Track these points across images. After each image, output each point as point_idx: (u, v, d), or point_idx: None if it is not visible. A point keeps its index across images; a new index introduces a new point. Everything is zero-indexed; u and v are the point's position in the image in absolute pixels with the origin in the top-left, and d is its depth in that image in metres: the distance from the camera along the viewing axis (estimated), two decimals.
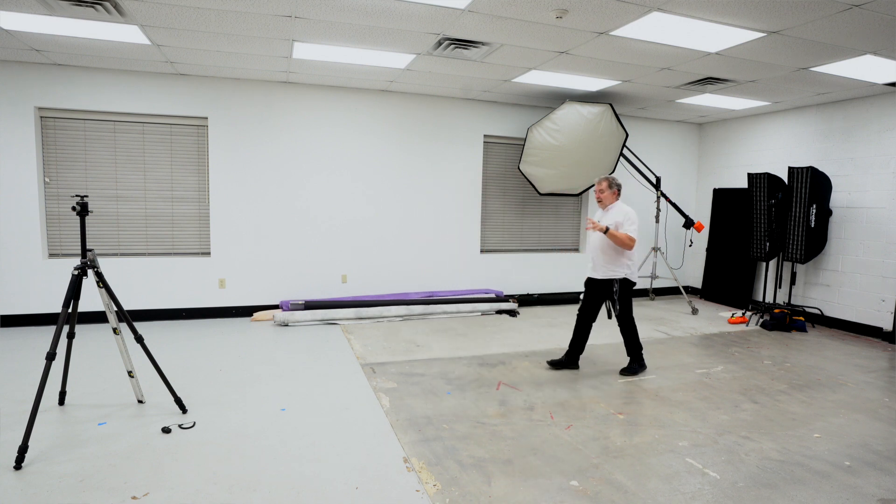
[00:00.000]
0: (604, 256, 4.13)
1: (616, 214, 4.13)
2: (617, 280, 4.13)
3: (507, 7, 3.58)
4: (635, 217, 4.09)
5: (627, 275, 4.14)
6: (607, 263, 4.13)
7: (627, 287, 4.18)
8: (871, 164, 5.82)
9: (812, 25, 3.73)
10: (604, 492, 2.57)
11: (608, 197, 4.21)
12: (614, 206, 4.21)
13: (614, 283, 4.14)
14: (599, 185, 4.24)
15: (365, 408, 3.53)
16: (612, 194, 4.22)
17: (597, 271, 4.20)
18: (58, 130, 5.36)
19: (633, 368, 4.34)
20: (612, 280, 4.14)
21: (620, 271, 4.12)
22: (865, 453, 3.05)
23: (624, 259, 4.11)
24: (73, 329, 3.23)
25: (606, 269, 4.14)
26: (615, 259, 4.11)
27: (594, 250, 4.20)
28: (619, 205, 4.21)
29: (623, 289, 4.16)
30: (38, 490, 2.45)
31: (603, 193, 4.21)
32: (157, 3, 3.60)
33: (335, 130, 6.19)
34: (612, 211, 4.19)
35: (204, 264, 5.87)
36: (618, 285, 4.14)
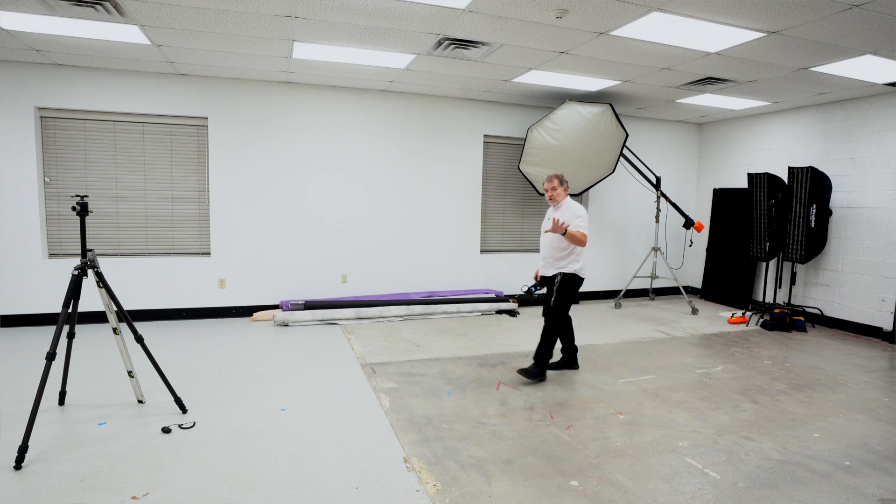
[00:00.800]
0: (555, 253, 4.08)
1: (566, 212, 4.08)
2: (562, 273, 4.06)
3: (507, 7, 3.58)
4: (585, 214, 4.07)
5: (577, 270, 4.07)
6: (559, 260, 4.08)
7: (573, 283, 4.11)
8: (871, 164, 5.82)
9: (812, 25, 3.73)
10: (604, 492, 2.57)
11: (560, 194, 4.16)
12: (565, 203, 4.16)
13: (558, 275, 4.07)
14: (551, 183, 4.17)
15: (365, 408, 3.52)
16: (564, 191, 4.18)
17: (548, 269, 4.16)
18: (58, 130, 5.36)
19: (531, 371, 4.08)
20: (558, 273, 4.08)
21: (571, 266, 4.06)
22: (865, 453, 3.05)
23: (574, 255, 4.06)
24: (73, 329, 3.24)
25: (557, 266, 4.09)
26: (566, 255, 4.06)
27: (546, 248, 4.15)
28: (569, 202, 4.17)
29: (567, 284, 4.08)
30: (38, 490, 2.45)
31: (555, 191, 4.15)
32: (157, 3, 3.60)
33: (335, 130, 6.19)
34: (563, 208, 4.14)
35: (204, 264, 5.87)
36: (560, 277, 4.06)
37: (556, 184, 4.16)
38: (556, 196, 4.17)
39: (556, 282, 4.07)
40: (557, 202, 4.18)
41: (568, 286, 4.09)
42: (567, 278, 4.07)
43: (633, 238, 7.81)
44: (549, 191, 4.17)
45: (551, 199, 4.19)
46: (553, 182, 4.17)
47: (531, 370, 4.08)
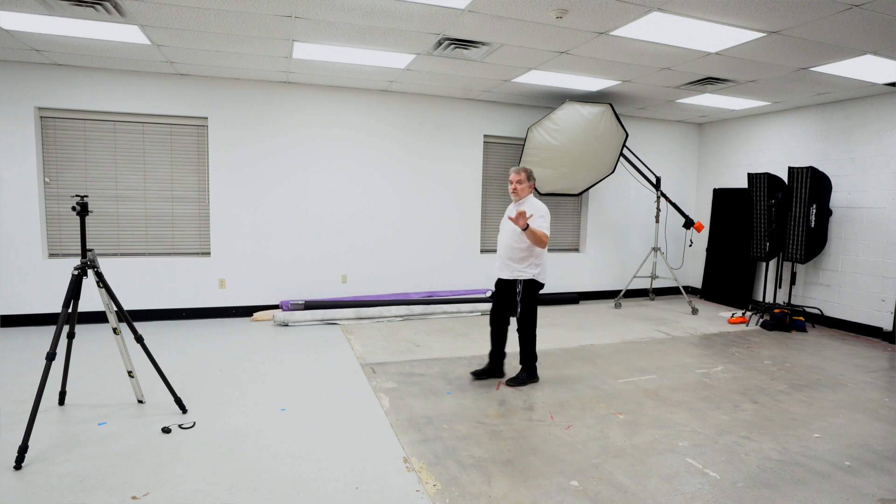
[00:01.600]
0: (512, 254, 3.85)
1: (529, 209, 3.80)
2: (522, 280, 3.85)
3: (507, 7, 3.58)
4: (548, 214, 3.84)
5: (535, 275, 3.85)
6: (516, 262, 3.85)
7: (534, 288, 3.90)
8: (871, 164, 5.82)
9: (812, 25, 3.73)
10: (604, 492, 2.57)
11: (524, 189, 3.91)
12: (528, 200, 3.91)
13: (518, 283, 3.86)
14: (518, 176, 3.92)
15: (365, 408, 3.52)
16: (529, 187, 3.94)
17: (504, 271, 3.93)
18: (58, 130, 5.36)
19: (520, 378, 4.02)
20: (517, 280, 3.87)
21: (528, 271, 3.84)
22: (865, 453, 3.05)
23: (533, 258, 3.84)
24: (73, 329, 3.23)
25: (514, 269, 3.86)
26: (524, 258, 3.83)
27: (503, 248, 3.92)
28: (531, 199, 3.93)
29: (529, 290, 3.87)
30: (38, 490, 2.45)
31: (521, 185, 3.91)
32: (157, 3, 3.60)
33: (335, 130, 6.19)
34: (525, 205, 3.87)
35: (204, 264, 5.87)
36: (522, 286, 3.85)
37: (522, 177, 3.92)
38: (520, 190, 3.92)
39: (518, 292, 3.86)
40: (520, 197, 3.94)
41: (531, 294, 3.90)
42: (528, 286, 3.87)
43: (633, 238, 7.81)
44: (514, 183, 3.92)
45: (514, 192, 3.94)
46: (520, 175, 3.92)
47: (520, 377, 4.02)
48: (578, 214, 7.60)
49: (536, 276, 3.87)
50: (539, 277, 3.89)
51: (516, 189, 3.92)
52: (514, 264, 3.86)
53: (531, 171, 3.99)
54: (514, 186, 3.93)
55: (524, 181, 3.92)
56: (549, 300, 7.21)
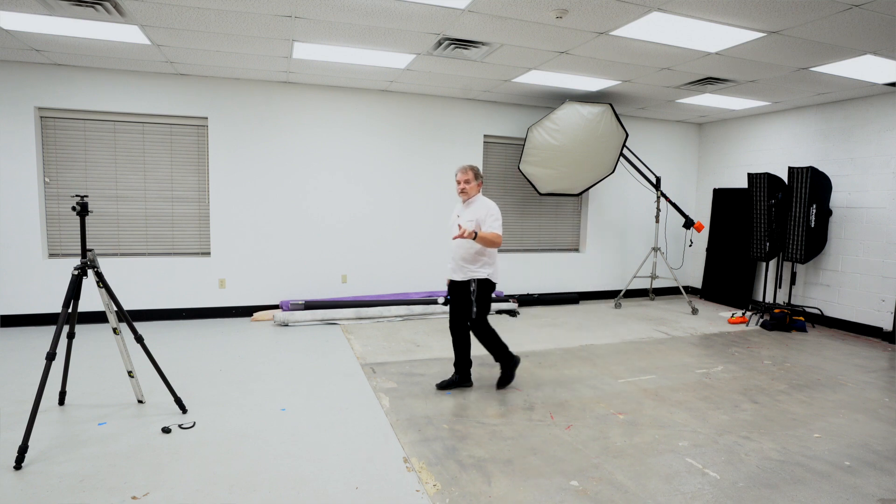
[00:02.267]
0: (465, 255, 3.73)
1: (478, 209, 3.72)
2: (476, 280, 3.73)
3: (507, 7, 3.58)
4: (498, 212, 3.71)
5: (489, 275, 3.76)
6: (468, 263, 3.74)
7: (488, 288, 3.80)
8: (871, 164, 5.82)
9: (812, 25, 3.73)
10: (604, 492, 2.57)
11: (473, 188, 3.78)
12: (476, 200, 3.80)
13: (472, 283, 3.74)
14: (465, 175, 3.76)
15: (365, 408, 3.53)
16: (478, 186, 3.82)
17: (457, 273, 3.79)
18: (58, 130, 5.36)
19: (505, 376, 3.96)
20: (471, 281, 3.75)
21: (482, 271, 3.74)
22: (865, 453, 3.05)
23: (485, 258, 3.74)
24: (73, 329, 3.24)
25: (467, 270, 3.74)
26: (476, 259, 3.72)
27: (456, 250, 3.78)
28: (480, 198, 3.82)
29: (483, 289, 3.77)
30: (38, 490, 2.45)
31: (469, 184, 3.76)
32: (157, 3, 3.60)
33: (335, 130, 6.19)
34: (475, 205, 3.77)
35: (204, 264, 5.87)
36: (475, 285, 3.73)
37: (470, 176, 3.77)
38: (468, 190, 3.77)
39: (472, 291, 3.74)
40: (469, 197, 3.80)
41: (484, 293, 3.78)
42: (482, 285, 3.75)
43: (633, 238, 7.81)
44: (462, 183, 3.77)
45: (462, 192, 3.79)
46: (468, 174, 3.77)
47: (507, 374, 3.96)
48: (578, 214, 7.60)
49: (490, 275, 3.77)
50: (492, 277, 3.79)
51: (464, 189, 3.77)
52: (466, 265, 3.75)
53: (479, 169, 3.87)
54: (461, 186, 3.78)
55: (472, 180, 3.78)
56: (549, 300, 7.21)
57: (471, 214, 3.72)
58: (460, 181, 3.79)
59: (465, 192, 3.79)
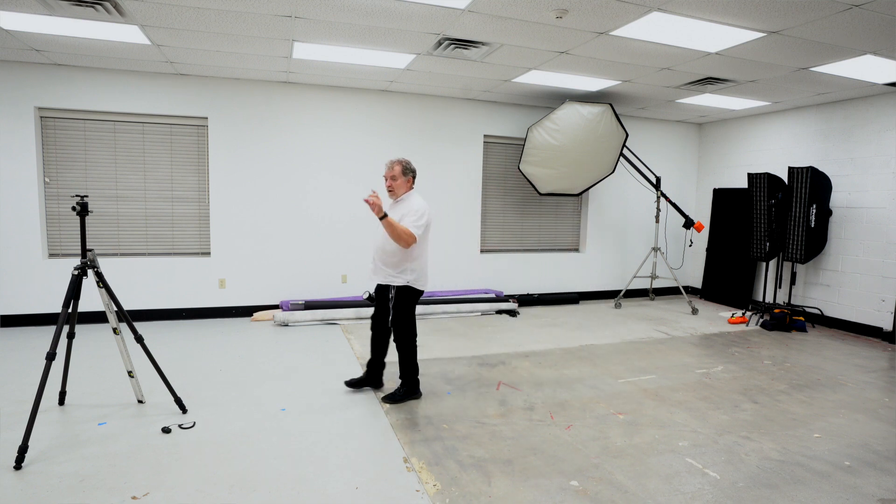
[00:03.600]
0: (385, 258, 3.45)
1: (404, 208, 3.44)
2: (394, 287, 3.46)
3: (507, 7, 3.58)
4: (425, 212, 3.39)
5: (410, 282, 3.45)
6: (388, 266, 3.45)
7: (410, 296, 3.50)
8: (871, 164, 5.82)
9: (812, 25, 3.73)
10: (604, 492, 2.57)
11: (401, 185, 3.47)
12: (406, 198, 3.50)
13: (391, 289, 3.47)
14: (391, 170, 3.45)
15: (365, 408, 3.52)
16: (406, 182, 3.49)
17: (377, 274, 3.53)
18: (58, 130, 5.36)
19: (398, 394, 3.59)
20: (390, 287, 3.49)
21: (402, 277, 3.44)
22: (865, 453, 3.05)
23: (407, 263, 3.43)
24: (73, 329, 3.24)
25: (387, 274, 3.47)
26: (397, 262, 3.43)
27: (375, 250, 3.52)
28: (412, 196, 3.51)
29: (403, 297, 3.48)
30: (38, 490, 2.45)
31: (395, 181, 3.46)
32: (157, 3, 3.60)
33: (335, 130, 6.19)
34: (403, 203, 3.48)
35: (204, 264, 5.87)
36: (394, 293, 3.46)
37: (397, 171, 3.45)
38: (395, 188, 3.48)
39: (391, 298, 3.49)
40: (398, 195, 3.52)
41: (405, 302, 3.50)
42: (402, 293, 3.48)
43: (633, 238, 7.81)
44: (388, 180, 3.48)
45: (390, 190, 3.51)
46: (394, 169, 3.45)
47: (397, 393, 3.61)
48: (578, 214, 7.60)
49: (412, 282, 3.47)
50: (416, 284, 3.49)
51: (391, 186, 3.49)
52: (386, 268, 3.47)
53: (408, 162, 3.53)
54: (388, 183, 3.49)
55: (399, 176, 3.46)
56: (549, 300, 7.21)
57: (396, 214, 3.42)
58: (386, 177, 3.49)
59: (393, 191, 3.50)
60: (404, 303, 3.51)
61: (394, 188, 3.49)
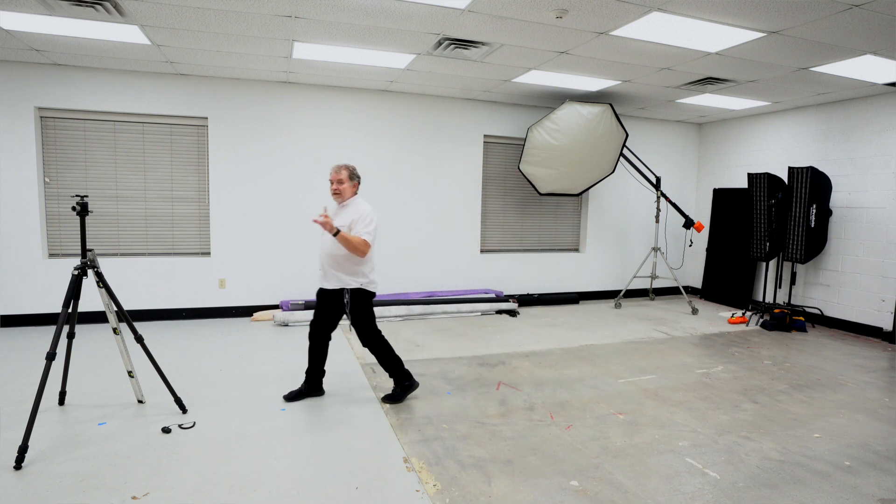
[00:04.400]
0: (335, 262, 3.43)
1: (352, 213, 3.46)
2: (349, 290, 3.43)
3: (507, 7, 3.58)
4: (374, 217, 3.45)
5: (364, 284, 3.45)
6: (339, 271, 3.43)
7: (365, 298, 3.49)
8: (871, 164, 5.82)
9: (812, 25, 3.73)
10: (604, 492, 2.57)
11: (347, 190, 3.52)
12: (352, 203, 3.55)
13: (345, 293, 3.44)
14: (338, 174, 3.49)
15: (365, 408, 3.52)
16: (352, 187, 3.55)
17: (328, 280, 3.48)
18: (58, 130, 5.36)
19: (395, 393, 3.63)
20: (344, 290, 3.45)
21: (355, 280, 3.43)
22: (865, 453, 3.05)
23: (360, 266, 3.44)
24: (73, 329, 3.24)
25: (340, 278, 3.44)
26: (348, 266, 3.42)
27: (325, 255, 3.49)
28: (357, 201, 3.56)
29: (359, 300, 3.46)
30: (38, 490, 2.45)
31: (342, 185, 3.50)
32: (157, 3, 3.60)
33: (335, 130, 6.19)
34: (349, 208, 3.51)
35: (204, 264, 5.87)
36: (349, 296, 3.43)
37: (344, 176, 3.50)
38: (342, 191, 3.51)
39: (346, 303, 3.45)
40: (344, 199, 3.54)
41: (362, 304, 3.48)
42: (357, 296, 3.45)
43: (633, 238, 7.81)
44: (335, 184, 3.50)
45: (336, 193, 3.52)
46: (341, 173, 3.50)
47: (396, 392, 3.63)
48: (578, 214, 7.60)
49: (365, 284, 3.47)
50: (369, 287, 3.50)
51: (338, 190, 3.51)
52: (338, 273, 3.44)
53: (354, 168, 3.60)
54: (334, 187, 3.51)
55: (345, 181, 3.51)
56: (549, 300, 7.21)
57: (344, 218, 3.45)
58: (333, 181, 3.52)
59: (339, 194, 3.52)
60: (361, 305, 3.49)
61: (340, 192, 3.52)
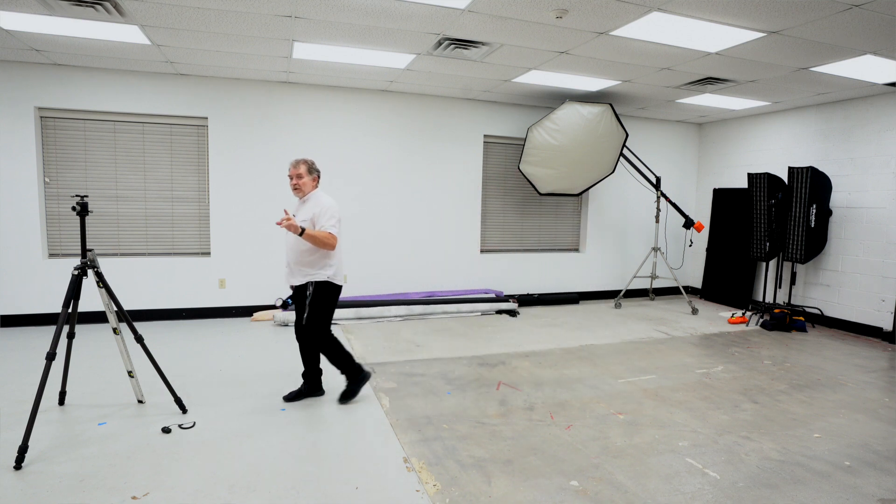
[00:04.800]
0: (301, 257, 3.41)
1: (313, 206, 3.43)
2: (313, 283, 3.41)
3: (507, 7, 3.58)
4: (336, 209, 3.42)
5: (330, 277, 3.43)
6: (305, 266, 3.41)
7: (329, 291, 3.45)
8: (871, 164, 5.82)
9: (812, 25, 3.73)
10: (604, 492, 2.57)
11: (307, 184, 3.48)
12: (313, 197, 3.51)
13: (309, 286, 3.42)
14: (296, 169, 3.46)
15: (365, 408, 3.52)
16: (312, 181, 3.50)
17: (294, 276, 3.46)
18: (58, 130, 5.36)
19: (350, 390, 3.59)
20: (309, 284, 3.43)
21: (322, 273, 3.42)
22: (865, 453, 3.05)
23: (325, 259, 3.42)
24: (73, 329, 3.24)
25: (306, 273, 3.42)
26: (315, 260, 3.41)
27: (290, 251, 3.45)
28: (318, 195, 3.51)
29: (322, 293, 3.43)
30: (38, 490, 2.45)
31: (301, 179, 3.46)
32: (157, 3, 3.60)
33: (335, 130, 6.19)
34: (310, 202, 3.48)
35: (204, 264, 5.87)
36: (313, 288, 3.40)
37: (302, 170, 3.46)
38: (301, 186, 3.46)
39: (308, 295, 3.41)
40: (304, 194, 3.50)
41: (323, 297, 3.44)
42: (320, 288, 3.42)
43: (633, 238, 7.81)
44: (294, 179, 3.46)
45: (296, 189, 3.48)
46: (300, 168, 3.46)
47: (349, 389, 3.59)
48: (578, 214, 7.60)
49: (331, 277, 3.44)
50: (335, 279, 3.47)
51: (297, 185, 3.47)
52: (304, 268, 3.42)
53: (313, 162, 3.54)
54: (294, 182, 3.47)
55: (305, 175, 3.46)
56: (549, 300, 7.21)
57: (306, 213, 3.42)
58: (292, 176, 3.48)
59: (299, 189, 3.48)
60: (323, 298, 3.44)
61: (300, 186, 3.48)
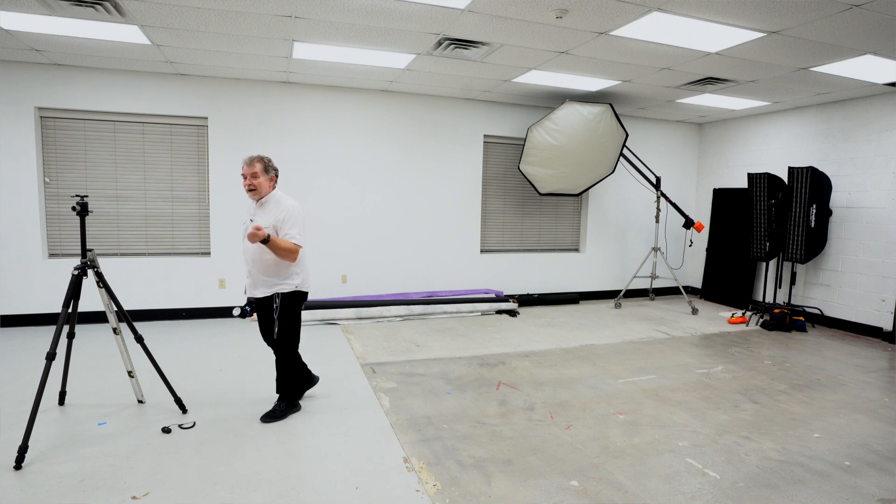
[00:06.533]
0: (264, 268, 3.12)
1: (275, 211, 3.10)
2: (280, 295, 3.15)
3: (507, 7, 3.58)
4: (301, 214, 3.13)
5: (298, 286, 3.20)
6: (270, 276, 3.13)
7: (296, 301, 3.22)
8: (871, 164, 5.82)
9: (812, 25, 3.73)
10: (604, 492, 2.57)
11: (263, 185, 3.12)
12: (271, 199, 3.16)
13: (276, 298, 3.16)
14: (250, 168, 3.09)
15: (365, 408, 3.52)
16: (269, 181, 3.16)
17: (258, 288, 3.19)
18: (58, 130, 5.36)
19: (277, 411, 3.27)
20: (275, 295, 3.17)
21: (289, 283, 3.16)
22: (865, 453, 3.05)
23: (292, 267, 3.15)
24: (73, 329, 3.24)
25: (271, 283, 3.15)
26: (280, 270, 3.12)
27: (251, 261, 3.15)
28: (278, 196, 3.17)
29: (290, 303, 3.19)
30: (38, 490, 2.45)
31: (257, 179, 3.09)
32: (157, 3, 3.60)
33: (335, 130, 6.19)
34: (269, 205, 3.14)
35: (204, 264, 5.87)
36: (280, 301, 3.15)
37: (257, 169, 3.09)
38: (257, 187, 3.11)
39: (276, 308, 3.17)
40: (261, 195, 3.15)
41: (292, 308, 3.20)
42: (288, 300, 3.17)
43: (633, 238, 7.81)
44: (248, 178, 3.10)
45: (251, 190, 3.12)
46: (254, 166, 3.09)
47: (276, 409, 3.29)
48: (578, 214, 7.60)
49: (299, 286, 3.21)
50: (303, 287, 3.24)
51: (252, 185, 3.11)
52: (269, 278, 3.14)
53: (270, 160, 3.20)
54: (248, 182, 3.11)
55: (260, 174, 3.11)
56: (549, 300, 7.21)
57: (266, 218, 3.10)
58: (246, 175, 3.12)
59: (255, 190, 3.13)
60: (292, 309, 3.22)
61: (256, 187, 3.12)
